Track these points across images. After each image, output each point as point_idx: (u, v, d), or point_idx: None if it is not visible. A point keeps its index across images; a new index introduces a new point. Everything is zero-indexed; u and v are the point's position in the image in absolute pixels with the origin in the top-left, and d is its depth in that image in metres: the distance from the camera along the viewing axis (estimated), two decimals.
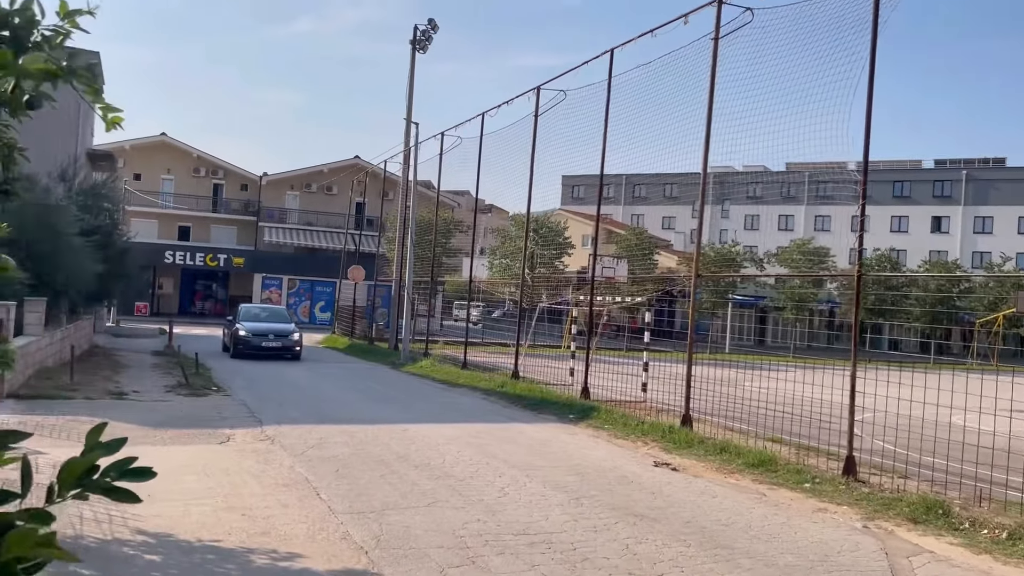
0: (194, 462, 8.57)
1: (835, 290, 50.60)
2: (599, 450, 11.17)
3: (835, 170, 72.69)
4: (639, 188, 79.96)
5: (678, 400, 14.70)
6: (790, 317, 45.72)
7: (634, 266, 37.20)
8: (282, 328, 23.61)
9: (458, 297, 51.47)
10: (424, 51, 28.56)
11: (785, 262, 45.86)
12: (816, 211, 73.26)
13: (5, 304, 12.15)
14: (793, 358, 34.78)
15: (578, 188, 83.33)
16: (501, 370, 20.96)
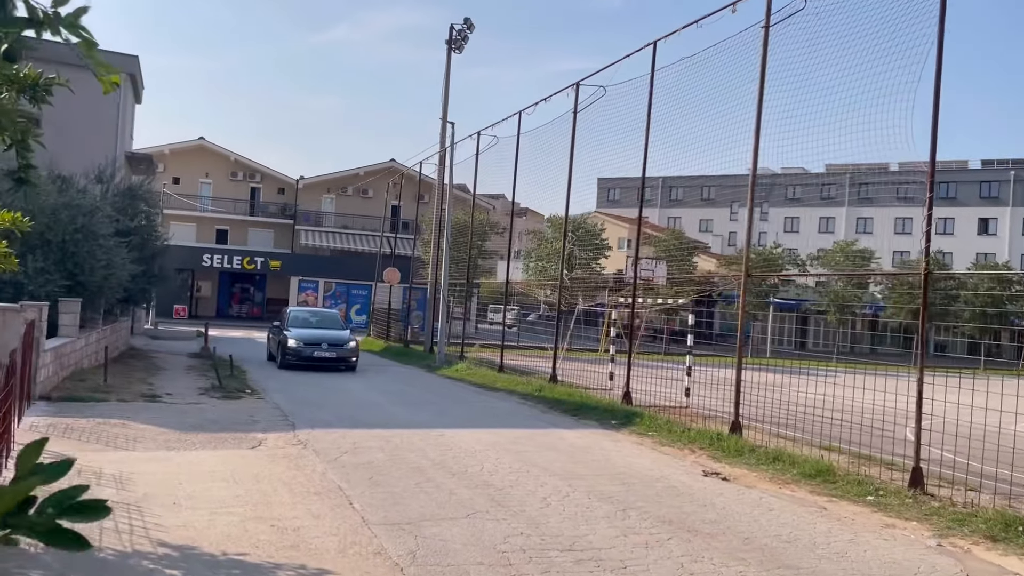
0: (223, 468, 8.23)
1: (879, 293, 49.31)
2: (644, 458, 10.64)
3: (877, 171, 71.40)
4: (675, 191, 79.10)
5: (724, 406, 14.11)
6: (833, 321, 44.57)
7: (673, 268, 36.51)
8: (336, 335, 20.69)
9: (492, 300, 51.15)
10: (460, 51, 28.24)
11: (828, 264, 44.74)
12: (858, 213, 71.78)
13: (37, 304, 11.99)
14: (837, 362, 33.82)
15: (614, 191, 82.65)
16: (538, 374, 20.50)
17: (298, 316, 22.25)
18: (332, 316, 23.75)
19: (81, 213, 15.38)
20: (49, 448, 6.94)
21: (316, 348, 19.77)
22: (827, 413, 11.66)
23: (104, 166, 19.98)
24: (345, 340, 20.50)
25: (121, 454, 8.63)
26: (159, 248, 21.96)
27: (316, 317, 22.76)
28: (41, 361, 11.97)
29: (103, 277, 15.88)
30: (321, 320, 22.44)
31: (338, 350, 20.02)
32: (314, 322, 21.87)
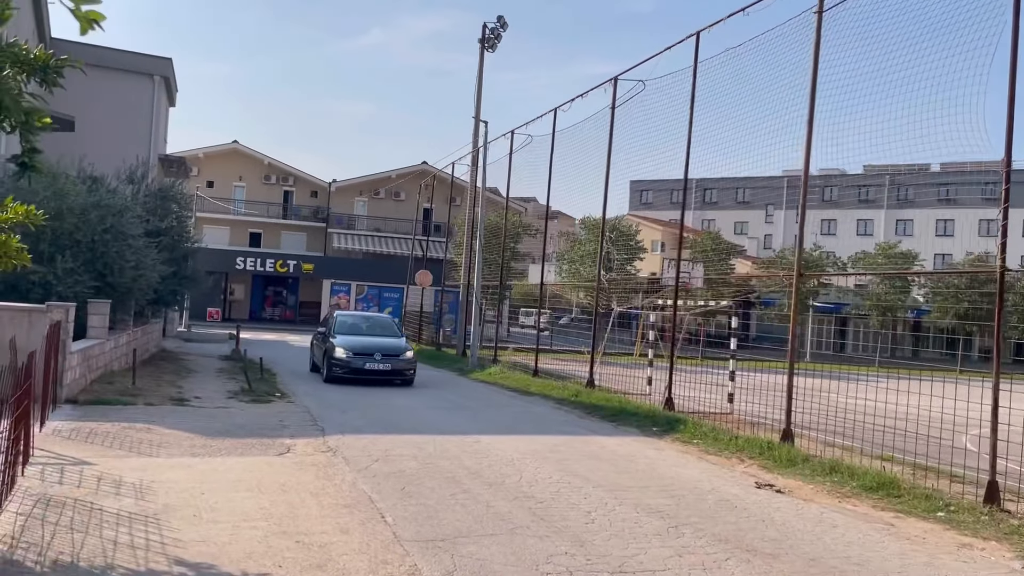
0: (248, 476, 7.81)
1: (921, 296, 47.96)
2: (691, 468, 10.04)
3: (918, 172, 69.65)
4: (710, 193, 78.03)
5: (769, 412, 13.46)
6: (875, 324, 43.38)
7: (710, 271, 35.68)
8: (391, 344, 18.08)
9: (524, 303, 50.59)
10: (493, 49, 27.80)
11: (870, 267, 43.55)
12: (897, 215, 70.21)
13: (63, 305, 11.71)
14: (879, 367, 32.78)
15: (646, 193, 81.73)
16: (574, 378, 19.94)
17: (346, 321, 19.39)
18: (385, 322, 20.76)
19: (111, 213, 15.15)
20: (71, 454, 6.55)
21: (368, 359, 17.14)
22: (879, 420, 10.99)
23: (135, 166, 19.81)
24: (401, 349, 17.88)
25: (144, 460, 8.25)
26: (190, 249, 21.73)
27: (367, 323, 19.95)
28: (67, 363, 11.69)
29: (133, 278, 15.64)
30: (373, 326, 19.68)
31: (393, 361, 17.39)
32: (365, 328, 19.17)
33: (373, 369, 17.15)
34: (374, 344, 17.78)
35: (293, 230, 50.96)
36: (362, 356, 17.20)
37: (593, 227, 37.43)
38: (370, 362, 17.19)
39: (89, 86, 25.22)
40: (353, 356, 17.17)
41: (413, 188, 47.63)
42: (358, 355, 17.19)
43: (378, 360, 17.23)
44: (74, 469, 7.62)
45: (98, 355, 14.05)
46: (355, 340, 17.81)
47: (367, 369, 17.11)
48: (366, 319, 20.66)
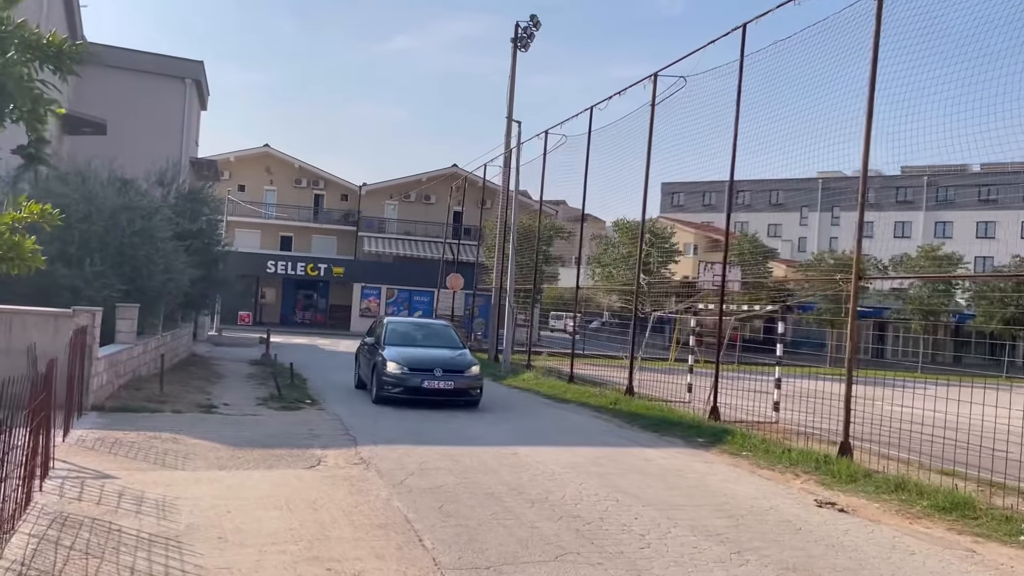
0: (277, 492, 7.35)
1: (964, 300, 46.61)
2: (745, 484, 9.43)
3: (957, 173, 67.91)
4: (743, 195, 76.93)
5: (818, 422, 12.77)
6: (917, 329, 42.15)
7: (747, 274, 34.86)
8: (452, 358, 15.20)
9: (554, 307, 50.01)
10: (526, 49, 27.35)
11: (912, 270, 42.36)
12: (936, 217, 68.63)
13: (89, 309, 11.40)
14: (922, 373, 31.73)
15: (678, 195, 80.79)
16: (610, 384, 19.35)
17: (397, 329, 16.45)
18: (443, 330, 17.41)
19: (140, 215, 14.88)
20: (92, 466, 6.07)
21: (426, 376, 14.34)
22: (936, 430, 10.29)
23: (165, 168, 19.58)
24: (464, 364, 15.01)
25: (168, 474, 7.84)
26: (220, 253, 21.47)
27: (422, 331, 16.97)
28: (94, 369, 11.37)
29: (162, 281, 15.36)
30: (429, 335, 16.72)
31: (456, 379, 14.54)
32: (420, 338, 16.33)
33: (433, 388, 14.27)
34: (433, 357, 14.95)
35: (324, 234, 50.89)
36: (419, 372, 14.36)
37: (627, 229, 36.78)
38: (429, 379, 14.29)
39: (121, 89, 25.25)
40: (408, 372, 14.35)
41: (443, 191, 47.31)
42: (414, 371, 14.36)
43: (438, 377, 14.36)
44: (95, 483, 7.22)
45: (126, 360, 13.75)
46: (410, 352, 15.02)
47: (425, 388, 14.24)
48: (421, 327, 17.45)
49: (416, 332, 16.73)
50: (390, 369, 14.41)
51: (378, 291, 46.91)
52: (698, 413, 14.72)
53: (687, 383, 17.68)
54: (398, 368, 14.40)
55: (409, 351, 15.11)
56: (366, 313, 46.65)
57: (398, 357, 14.67)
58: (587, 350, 27.34)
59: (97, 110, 22.60)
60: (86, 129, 22.68)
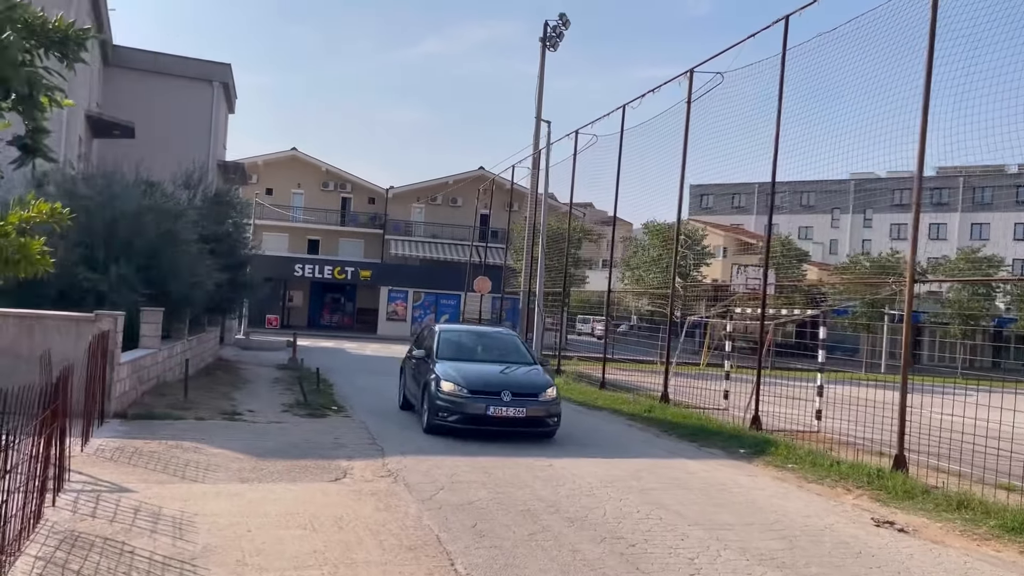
0: (300, 509, 6.95)
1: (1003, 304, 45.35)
2: (794, 500, 8.87)
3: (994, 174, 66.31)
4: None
5: (864, 431, 12.11)
6: (956, 333, 41.05)
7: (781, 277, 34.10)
8: (523, 377, 12.26)
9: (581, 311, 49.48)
10: (555, 48, 26.89)
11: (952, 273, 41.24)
12: (972, 218, 67.12)
13: (112, 314, 11.12)
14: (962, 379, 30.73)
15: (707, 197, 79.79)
16: (642, 390, 18.81)
17: (452, 339, 13.44)
18: (508, 341, 14.11)
19: (165, 218, 14.63)
20: (110, 479, 5.65)
21: (492, 400, 11.35)
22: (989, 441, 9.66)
23: (192, 171, 19.37)
24: (539, 385, 11.95)
25: (187, 487, 7.47)
26: (247, 256, 21.24)
27: (483, 341, 13.92)
28: (116, 375, 11.09)
29: (188, 285, 15.09)
30: (491, 346, 13.68)
31: (530, 404, 11.52)
32: (480, 350, 13.41)
33: (500, 416, 11.30)
34: (499, 376, 12.12)
35: (351, 237, 50.80)
36: (482, 395, 11.40)
37: (658, 232, 36.17)
38: (495, 405, 11.31)
39: (149, 92, 25.18)
40: (469, 395, 11.38)
41: (470, 194, 47.00)
42: (477, 394, 11.41)
43: (507, 403, 11.36)
44: (111, 498, 6.87)
45: (150, 366, 13.48)
46: (470, 369, 12.12)
47: (491, 416, 11.26)
48: (481, 336, 14.32)
49: (476, 343, 13.68)
50: (445, 391, 11.45)
51: (405, 294, 46.68)
52: (737, 422, 14.15)
53: (723, 390, 17.10)
54: (456, 390, 11.44)
55: (468, 367, 12.19)
56: (393, 316, 46.43)
57: (455, 376, 11.72)
58: (616, 354, 26.79)
59: (125, 113, 22.53)
60: (115, 132, 22.63)
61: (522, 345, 13.95)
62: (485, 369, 12.35)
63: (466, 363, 12.43)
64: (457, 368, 12.06)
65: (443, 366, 12.14)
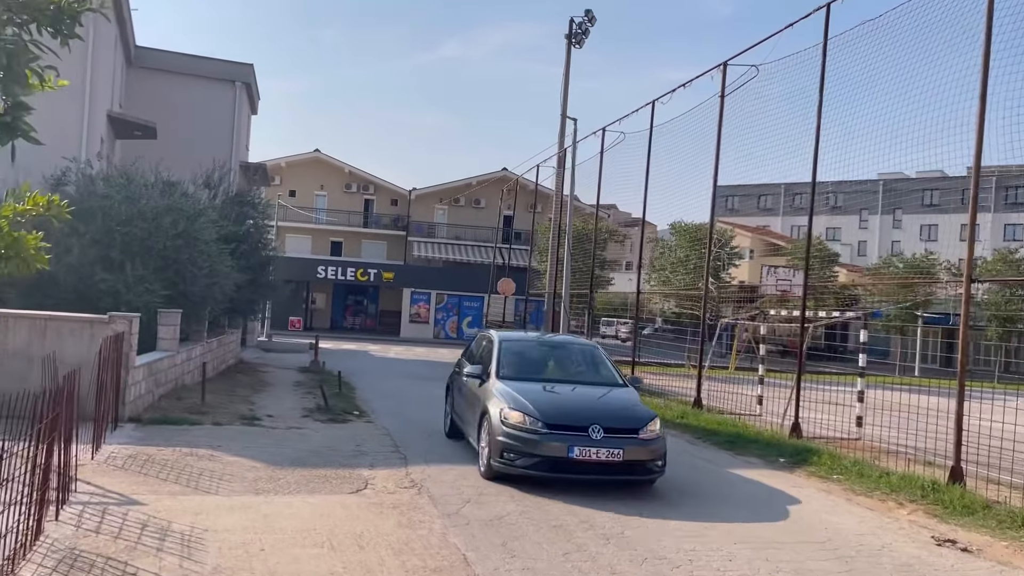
0: (318, 524, 6.49)
1: None
2: (844, 515, 8.29)
3: None
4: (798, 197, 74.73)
5: (909, 440, 11.45)
6: (992, 337, 39.90)
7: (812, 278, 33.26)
8: (614, 403, 9.36)
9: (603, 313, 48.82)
10: (580, 45, 26.31)
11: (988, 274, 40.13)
12: (1005, 219, 65.67)
13: (127, 316, 10.77)
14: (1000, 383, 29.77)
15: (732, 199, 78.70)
16: (672, 395, 18.23)
17: (515, 350, 10.48)
18: (588, 353, 10.95)
19: (184, 217, 14.29)
20: (119, 489, 4.95)
21: (577, 438, 8.35)
22: None
23: (212, 170, 19.07)
24: (640, 417, 8.91)
25: (199, 499, 7.05)
26: (268, 257, 20.91)
27: (553, 354, 10.90)
28: (131, 378, 10.74)
29: (206, 286, 14.75)
30: (564, 360, 10.78)
31: (628, 444, 8.47)
32: (551, 365, 10.51)
33: (589, 460, 8.23)
34: (584, 402, 9.16)
35: (374, 239, 50.59)
36: (565, 432, 8.36)
37: (685, 232, 35.49)
38: (582, 444, 8.25)
39: (170, 93, 24.97)
40: (545, 431, 8.37)
41: (493, 195, 46.58)
42: (557, 429, 8.39)
43: (598, 441, 8.29)
44: (118, 511, 6.46)
45: (167, 368, 13.14)
46: (544, 393, 9.18)
47: (576, 461, 8.21)
48: (552, 347, 11.18)
49: (546, 356, 10.73)
50: (512, 423, 8.45)
51: (428, 296, 46.34)
52: (773, 428, 13.54)
53: (757, 395, 16.49)
54: (526, 422, 8.41)
55: (540, 390, 9.25)
56: (415, 318, 46.10)
57: (525, 402, 8.68)
58: (641, 358, 26.19)
59: (148, 114, 22.32)
60: (136, 133, 22.42)
61: (606, 359, 10.69)
62: (563, 393, 9.39)
63: (536, 384, 9.48)
64: (526, 391, 9.04)
65: (507, 388, 9.16)
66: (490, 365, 9.96)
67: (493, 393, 9.23)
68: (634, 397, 9.73)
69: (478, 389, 9.80)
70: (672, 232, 38.07)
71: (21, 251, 4.70)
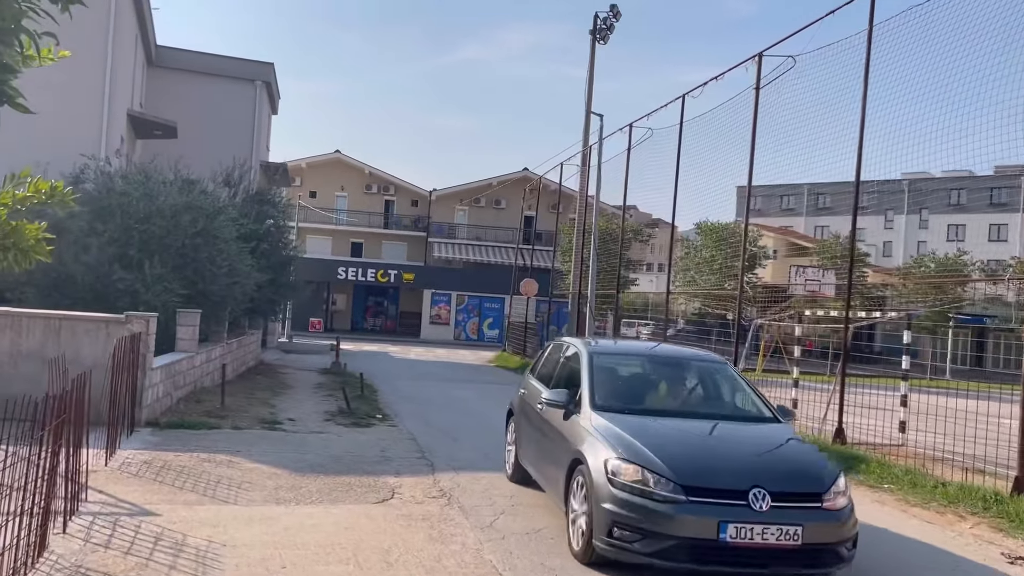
0: (342, 538, 6.04)
1: None
2: (901, 526, 7.73)
3: None
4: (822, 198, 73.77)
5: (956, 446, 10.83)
6: None
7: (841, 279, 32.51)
8: (783, 459, 6.28)
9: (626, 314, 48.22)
10: (604, 41, 25.83)
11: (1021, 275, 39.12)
12: None
13: (143, 316, 10.40)
14: None
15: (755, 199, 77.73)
16: None
17: (610, 365, 7.74)
18: (712, 372, 7.83)
19: (203, 215, 13.94)
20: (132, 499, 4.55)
21: (729, 508, 5.51)
22: None
23: (232, 168, 18.75)
24: (821, 477, 5.99)
25: (217, 510, 6.62)
26: (289, 257, 20.55)
27: (668, 374, 7.89)
28: (148, 381, 10.36)
29: (226, 285, 14.38)
30: (684, 383, 7.78)
31: (809, 519, 5.60)
32: (666, 391, 7.60)
33: (751, 545, 5.47)
34: (732, 452, 6.32)
35: (394, 239, 50.31)
36: (714, 500, 5.58)
37: (711, 232, 34.85)
38: (739, 518, 5.50)
39: (191, 92, 24.73)
40: (684, 497, 5.58)
41: (514, 196, 46.13)
42: (700, 495, 5.60)
43: (763, 515, 5.53)
44: (130, 523, 6.05)
45: (186, 371, 12.77)
46: (670, 436, 6.34)
47: (731, 545, 5.45)
48: (664, 364, 8.09)
49: (661, 377, 7.75)
50: (627, 481, 5.73)
51: (448, 297, 45.94)
52: (812, 434, 12.94)
53: (791, 398, 15.88)
54: (651, 482, 5.68)
55: (663, 430, 6.40)
56: (436, 320, 45.72)
57: (647, 451, 5.92)
58: None
59: (168, 113, 22.09)
60: (156, 132, 22.20)
61: (744, 381, 7.64)
62: (697, 434, 6.43)
63: (653, 419, 6.59)
64: (644, 431, 6.17)
65: (612, 426, 6.27)
66: (580, 389, 6.94)
67: (590, 433, 6.26)
68: (794, 438, 6.71)
69: (563, 424, 6.80)
70: (697, 232, 37.46)
71: (20, 242, 4.28)
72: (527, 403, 8.28)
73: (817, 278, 31.68)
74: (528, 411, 8.15)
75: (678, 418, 6.75)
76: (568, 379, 7.54)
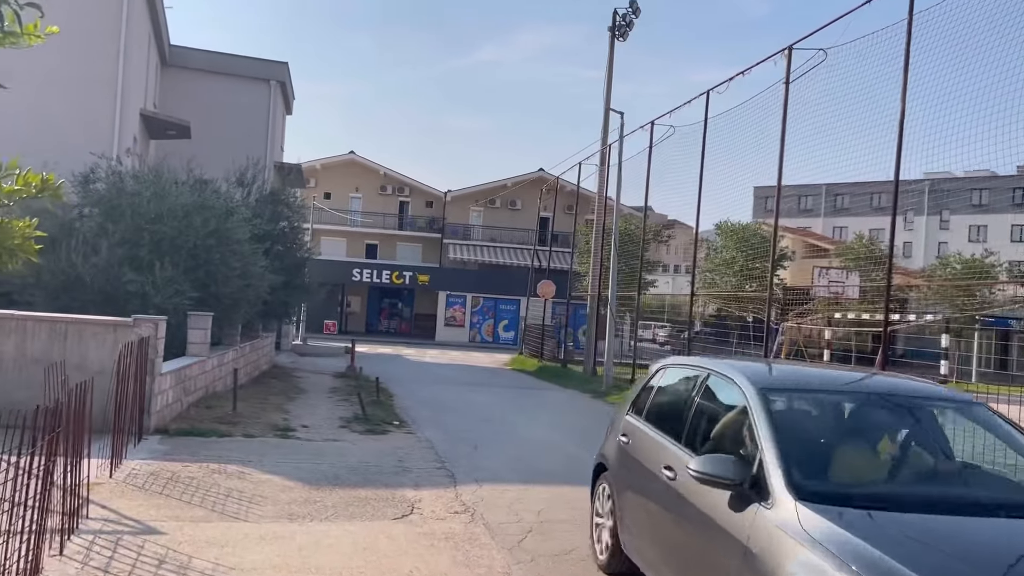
0: (360, 560, 5.60)
1: None
2: None
3: None
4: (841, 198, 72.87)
5: None
6: None
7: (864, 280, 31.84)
8: None
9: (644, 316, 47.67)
10: (624, 38, 25.32)
11: None
12: None
13: (152, 319, 10.02)
14: None
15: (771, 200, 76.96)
16: None
17: (796, 410, 4.67)
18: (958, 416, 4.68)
19: (215, 215, 13.56)
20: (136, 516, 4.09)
21: None
22: None
23: (245, 168, 18.39)
24: None
25: (226, 527, 6.20)
26: (303, 258, 20.18)
27: (909, 431, 4.60)
28: (157, 387, 9.98)
29: (239, 287, 14.00)
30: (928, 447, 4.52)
31: None
32: (907, 458, 4.47)
33: None
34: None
35: (408, 241, 49.97)
36: None
37: (732, 233, 34.29)
38: None
39: (205, 92, 24.44)
40: None
41: (529, 197, 45.69)
42: None
43: None
44: (132, 542, 5.63)
45: (197, 375, 12.39)
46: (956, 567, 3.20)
47: None
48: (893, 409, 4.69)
49: (891, 433, 4.64)
50: None
51: (463, 299, 45.55)
52: None
53: None
54: None
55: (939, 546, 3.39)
56: (451, 322, 45.34)
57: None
58: None
59: (182, 113, 21.81)
60: (170, 132, 21.92)
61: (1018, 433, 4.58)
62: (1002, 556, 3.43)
63: (902, 516, 3.62)
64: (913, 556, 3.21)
65: (846, 535, 3.37)
66: (758, 454, 4.07)
67: (802, 546, 3.43)
68: None
69: (730, 518, 3.96)
70: (718, 233, 36.87)
71: (5, 240, 3.87)
72: (635, 460, 5.45)
73: (841, 280, 31.02)
74: (639, 473, 5.31)
75: (946, 514, 3.71)
76: (715, 432, 4.68)
